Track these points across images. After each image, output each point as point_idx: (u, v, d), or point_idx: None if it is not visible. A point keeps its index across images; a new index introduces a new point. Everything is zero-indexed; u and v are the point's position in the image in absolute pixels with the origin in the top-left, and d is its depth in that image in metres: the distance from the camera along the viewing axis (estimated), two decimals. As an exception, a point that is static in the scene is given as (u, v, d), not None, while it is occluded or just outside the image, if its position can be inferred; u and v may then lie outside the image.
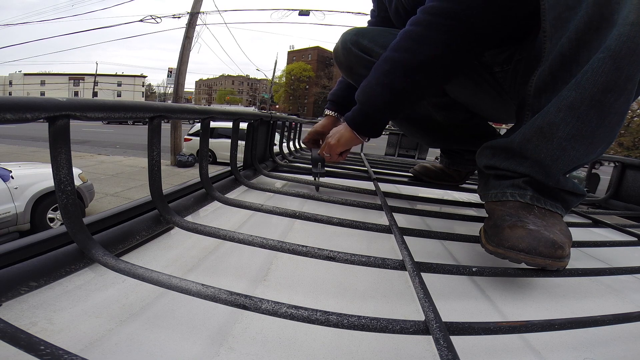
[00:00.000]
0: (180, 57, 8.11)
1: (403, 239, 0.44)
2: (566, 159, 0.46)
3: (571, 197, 0.50)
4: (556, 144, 0.46)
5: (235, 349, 0.29)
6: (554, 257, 0.41)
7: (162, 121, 0.43)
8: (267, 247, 0.39)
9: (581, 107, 0.43)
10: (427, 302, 0.30)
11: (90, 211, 4.06)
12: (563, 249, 0.41)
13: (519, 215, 0.47)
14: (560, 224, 0.46)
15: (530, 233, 0.43)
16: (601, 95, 0.42)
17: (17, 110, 0.24)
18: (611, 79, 0.41)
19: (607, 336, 0.36)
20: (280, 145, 1.26)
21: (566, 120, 0.45)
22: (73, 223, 0.33)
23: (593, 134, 0.44)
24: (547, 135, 0.47)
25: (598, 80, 0.41)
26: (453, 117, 0.87)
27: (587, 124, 0.44)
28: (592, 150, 0.46)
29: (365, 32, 0.83)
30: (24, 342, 0.21)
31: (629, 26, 0.39)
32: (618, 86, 0.41)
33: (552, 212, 0.48)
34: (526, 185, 0.49)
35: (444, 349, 0.25)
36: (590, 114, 0.43)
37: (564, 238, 0.43)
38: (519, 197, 0.49)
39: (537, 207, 0.48)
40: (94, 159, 8.40)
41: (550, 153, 0.47)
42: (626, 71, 0.40)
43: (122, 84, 43.64)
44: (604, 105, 0.42)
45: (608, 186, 1.14)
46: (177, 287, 0.29)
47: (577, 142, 0.45)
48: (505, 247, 0.43)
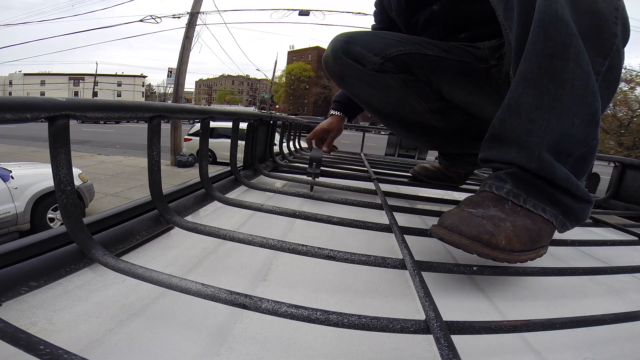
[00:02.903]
0: (180, 57, 8.12)
1: (403, 238, 0.44)
2: (539, 131, 0.45)
3: (569, 200, 0.46)
4: (525, 117, 0.46)
5: (235, 349, 0.29)
6: (478, 240, 0.39)
7: (162, 121, 0.43)
8: (267, 247, 0.39)
9: (534, 76, 0.45)
10: (427, 301, 0.30)
11: (90, 211, 4.06)
12: (492, 236, 0.39)
13: (478, 204, 0.45)
14: (523, 221, 0.43)
15: (459, 213, 0.42)
16: (547, 62, 0.44)
17: (17, 110, 0.24)
18: (548, 47, 0.43)
19: (607, 336, 0.36)
20: (280, 145, 1.26)
21: (526, 92, 0.46)
22: (73, 223, 0.33)
23: (557, 101, 0.44)
24: (514, 110, 0.47)
25: (538, 49, 0.44)
26: (450, 121, 0.87)
27: (546, 92, 0.44)
28: (565, 120, 0.45)
29: (356, 37, 0.81)
30: (24, 342, 0.21)
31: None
32: (558, 52, 0.43)
33: (528, 212, 0.45)
34: (507, 178, 0.47)
35: (445, 348, 0.25)
36: (544, 81, 0.44)
37: (505, 230, 0.40)
38: (495, 190, 0.47)
39: (511, 202, 0.45)
40: (94, 159, 8.40)
41: (523, 127, 0.46)
42: (558, 38, 0.43)
43: (122, 84, 43.65)
44: (554, 71, 0.43)
45: (608, 186, 1.14)
46: (177, 287, 0.29)
47: (543, 112, 0.45)
48: (437, 224, 0.43)
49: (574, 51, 0.43)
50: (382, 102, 0.88)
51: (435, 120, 0.87)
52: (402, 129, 0.95)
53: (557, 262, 0.57)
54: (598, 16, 0.44)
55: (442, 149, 0.99)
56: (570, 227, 0.49)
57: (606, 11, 0.44)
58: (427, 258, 0.41)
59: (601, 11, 0.44)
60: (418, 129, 0.92)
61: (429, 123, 0.88)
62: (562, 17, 0.42)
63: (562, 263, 0.57)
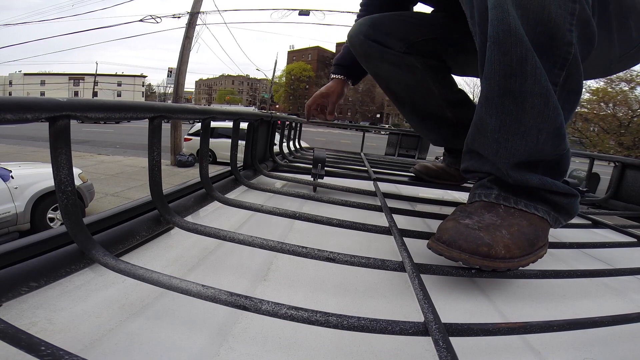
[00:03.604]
0: (180, 57, 8.12)
1: (403, 241, 0.44)
2: (505, 151, 0.45)
3: (557, 197, 0.47)
4: (490, 138, 0.46)
5: (235, 349, 0.29)
6: (477, 253, 0.39)
7: (162, 121, 0.43)
8: (267, 248, 0.39)
9: (494, 97, 0.44)
10: (426, 303, 0.30)
11: (90, 211, 4.06)
12: (490, 247, 0.39)
13: (472, 213, 0.45)
14: (519, 224, 0.43)
15: (456, 226, 0.42)
16: (504, 82, 0.42)
17: (17, 111, 0.24)
18: (504, 64, 0.41)
19: (607, 336, 0.36)
20: (280, 145, 1.26)
21: (489, 112, 0.45)
22: (73, 223, 0.33)
23: (518, 121, 0.43)
24: (481, 130, 0.47)
25: (496, 69, 0.42)
26: (463, 115, 0.88)
27: (507, 113, 0.44)
28: (529, 139, 0.44)
29: (380, 23, 0.83)
30: (25, 343, 0.21)
31: (494, 10, 0.41)
32: (515, 70, 0.41)
33: (522, 212, 0.45)
34: (492, 185, 0.48)
35: (443, 350, 0.25)
36: (504, 102, 0.43)
37: (502, 239, 0.40)
38: (484, 197, 0.48)
39: (503, 205, 0.46)
40: (94, 158, 8.40)
41: (490, 147, 0.47)
42: (514, 54, 0.40)
43: (122, 84, 43.65)
44: (513, 91, 0.42)
45: (608, 186, 1.14)
46: (177, 288, 0.29)
47: (507, 133, 0.44)
48: (434, 239, 0.43)
49: (531, 68, 0.41)
50: (402, 83, 0.89)
51: (449, 111, 0.88)
52: (416, 116, 0.96)
53: (557, 263, 0.57)
54: (550, 25, 0.41)
55: (450, 144, 1.00)
56: (564, 222, 0.50)
57: (559, 18, 0.41)
58: (427, 260, 0.41)
59: (553, 19, 0.40)
60: (431, 120, 0.93)
61: (442, 114, 0.90)
62: (516, 32, 0.40)
63: (563, 263, 0.57)
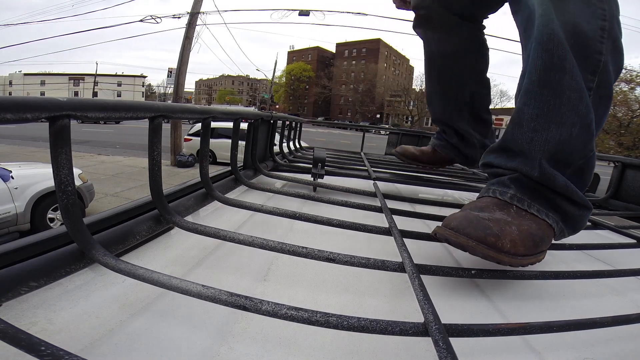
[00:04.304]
0: (180, 57, 8.12)
1: (403, 241, 0.44)
2: (540, 139, 0.48)
3: (569, 206, 0.48)
4: (526, 127, 0.49)
5: (235, 349, 0.29)
6: (484, 242, 0.39)
7: (162, 121, 0.43)
8: (267, 248, 0.39)
9: (534, 89, 0.49)
10: (426, 304, 0.30)
11: (90, 211, 4.06)
12: (497, 238, 0.39)
13: (483, 208, 0.45)
14: (529, 226, 0.44)
15: (466, 215, 0.42)
16: (545, 75, 0.48)
17: (17, 110, 0.24)
18: (546, 61, 0.48)
19: (607, 336, 0.36)
20: (280, 145, 1.26)
21: (527, 103, 0.50)
22: (73, 223, 0.33)
23: (555, 111, 0.48)
24: (517, 122, 0.51)
25: (537, 64, 0.49)
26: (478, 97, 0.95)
27: (545, 102, 0.48)
28: (564, 129, 0.48)
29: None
30: (25, 343, 0.21)
31: (540, 18, 0.49)
32: (555, 65, 0.48)
33: (533, 216, 0.46)
34: (510, 183, 0.49)
35: (443, 350, 0.25)
36: (543, 93, 0.48)
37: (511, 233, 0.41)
38: (499, 195, 0.48)
39: (516, 207, 0.46)
40: (94, 159, 8.40)
41: (525, 136, 0.49)
42: (555, 52, 0.48)
43: (122, 84, 43.66)
44: (551, 83, 0.48)
45: (608, 186, 1.14)
46: (177, 288, 0.29)
47: (543, 121, 0.48)
48: (442, 225, 0.44)
49: (569, 65, 0.47)
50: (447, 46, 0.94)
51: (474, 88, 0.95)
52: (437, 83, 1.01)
53: (557, 263, 0.57)
54: (583, 36, 0.48)
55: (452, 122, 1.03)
56: (567, 235, 0.51)
57: (590, 32, 0.49)
58: (427, 261, 0.41)
59: (585, 32, 0.48)
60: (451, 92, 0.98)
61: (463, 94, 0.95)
62: (558, 36, 0.48)
63: (563, 264, 0.57)
